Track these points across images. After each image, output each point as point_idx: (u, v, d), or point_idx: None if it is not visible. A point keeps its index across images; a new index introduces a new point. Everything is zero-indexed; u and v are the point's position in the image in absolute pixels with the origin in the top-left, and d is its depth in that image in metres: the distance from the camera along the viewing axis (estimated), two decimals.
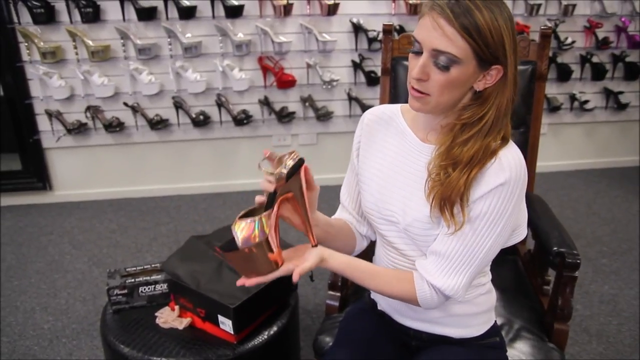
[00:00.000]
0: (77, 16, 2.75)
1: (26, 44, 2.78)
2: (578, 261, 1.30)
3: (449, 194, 0.94)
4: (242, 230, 0.89)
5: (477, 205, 0.95)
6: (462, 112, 0.96)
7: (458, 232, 0.96)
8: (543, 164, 2.26)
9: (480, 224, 0.96)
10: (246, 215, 0.93)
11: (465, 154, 0.94)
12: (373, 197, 1.08)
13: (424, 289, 1.01)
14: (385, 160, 1.08)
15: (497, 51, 0.89)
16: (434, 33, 0.88)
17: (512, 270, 1.63)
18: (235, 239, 0.89)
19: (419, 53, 0.92)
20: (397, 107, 1.11)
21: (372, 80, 3.04)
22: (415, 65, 0.92)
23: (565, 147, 3.53)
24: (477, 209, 0.95)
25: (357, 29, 2.96)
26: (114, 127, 2.95)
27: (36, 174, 3.09)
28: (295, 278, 0.95)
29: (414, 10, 2.92)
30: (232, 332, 1.40)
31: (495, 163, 0.94)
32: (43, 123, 2.97)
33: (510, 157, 0.95)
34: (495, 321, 1.17)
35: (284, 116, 3.07)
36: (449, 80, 0.90)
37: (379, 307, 1.21)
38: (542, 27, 1.59)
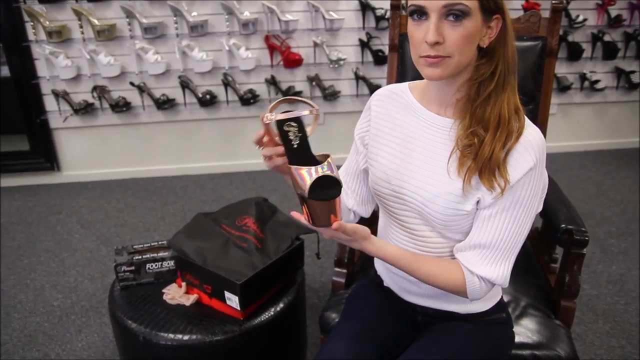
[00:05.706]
0: None
1: (32, 23, 2.77)
2: (586, 238, 1.29)
3: (488, 160, 0.92)
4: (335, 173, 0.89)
5: (511, 194, 0.95)
6: (474, 74, 0.95)
7: (497, 222, 0.97)
8: (552, 145, 2.24)
9: (518, 210, 0.97)
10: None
11: (491, 113, 0.94)
12: (385, 174, 1.06)
13: (474, 282, 1.00)
14: (397, 137, 1.06)
15: None
16: None
17: None
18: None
19: (421, 20, 0.90)
20: (404, 85, 1.10)
21: (379, 59, 3.01)
22: (421, 34, 0.91)
23: (575, 127, 3.49)
24: (512, 197, 0.95)
25: (365, 6, 2.92)
26: (121, 107, 2.95)
27: (44, 154, 3.11)
28: (333, 226, 0.91)
29: None
30: (238, 308, 1.40)
31: (520, 145, 0.94)
32: (50, 103, 2.98)
33: (531, 137, 0.95)
34: (502, 297, 1.17)
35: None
36: (464, 34, 0.89)
37: (385, 284, 1.21)
38: (554, 2, 1.56)
